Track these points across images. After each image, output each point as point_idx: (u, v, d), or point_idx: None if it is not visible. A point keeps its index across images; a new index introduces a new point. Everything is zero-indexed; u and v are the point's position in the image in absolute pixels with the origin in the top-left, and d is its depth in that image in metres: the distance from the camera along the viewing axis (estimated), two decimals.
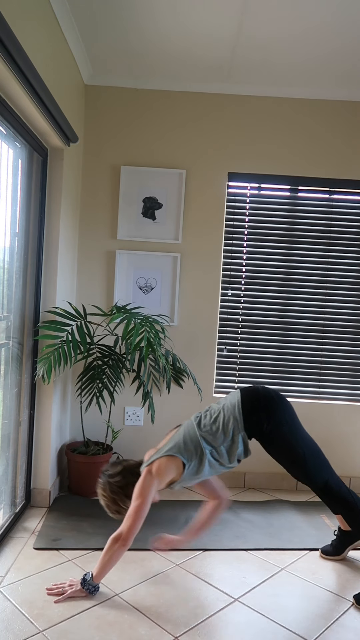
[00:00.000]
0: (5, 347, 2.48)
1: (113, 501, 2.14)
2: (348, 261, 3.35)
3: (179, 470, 2.13)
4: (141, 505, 2.02)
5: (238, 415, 2.17)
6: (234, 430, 2.16)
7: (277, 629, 1.92)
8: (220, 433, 2.16)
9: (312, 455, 2.21)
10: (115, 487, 2.13)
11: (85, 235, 3.29)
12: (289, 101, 3.26)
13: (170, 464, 2.11)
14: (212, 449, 2.16)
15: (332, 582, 2.27)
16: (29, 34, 2.12)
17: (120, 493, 2.13)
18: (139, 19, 2.56)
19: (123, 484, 2.13)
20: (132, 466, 2.20)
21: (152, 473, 2.08)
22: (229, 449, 2.17)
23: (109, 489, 2.14)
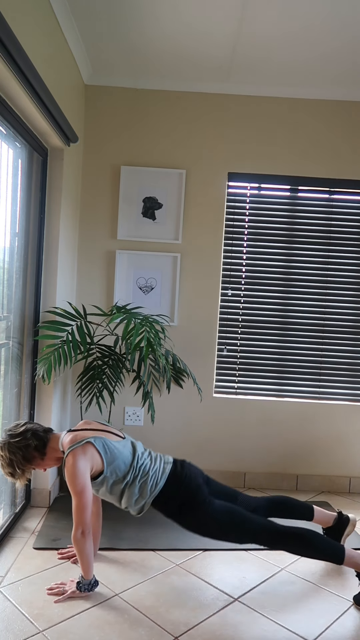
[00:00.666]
0: (5, 347, 2.48)
1: (9, 462, 2.07)
2: (348, 261, 3.35)
3: (100, 466, 2.09)
4: (82, 494, 1.98)
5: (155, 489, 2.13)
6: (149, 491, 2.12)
7: (277, 629, 1.92)
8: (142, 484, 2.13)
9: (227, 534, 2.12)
10: (14, 447, 2.07)
11: (85, 235, 3.29)
12: (289, 101, 3.26)
13: (95, 453, 2.07)
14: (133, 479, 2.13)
15: (331, 581, 2.27)
16: (29, 34, 2.12)
17: (18, 454, 2.07)
18: (139, 19, 2.56)
19: (23, 445, 2.08)
20: (37, 429, 2.14)
21: (75, 452, 2.03)
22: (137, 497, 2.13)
23: (7, 449, 2.07)
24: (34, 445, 2.10)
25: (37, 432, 2.13)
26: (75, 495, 2.00)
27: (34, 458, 2.11)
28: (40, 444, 2.12)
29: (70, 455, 2.04)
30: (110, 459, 2.10)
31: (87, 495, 2.00)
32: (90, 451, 2.07)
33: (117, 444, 2.17)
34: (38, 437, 2.12)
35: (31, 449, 2.09)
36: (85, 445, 2.06)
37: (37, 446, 2.11)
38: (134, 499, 2.13)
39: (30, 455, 2.10)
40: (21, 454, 2.08)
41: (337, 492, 3.33)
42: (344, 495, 3.29)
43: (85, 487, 2.00)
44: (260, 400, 3.34)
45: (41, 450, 2.13)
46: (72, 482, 2.00)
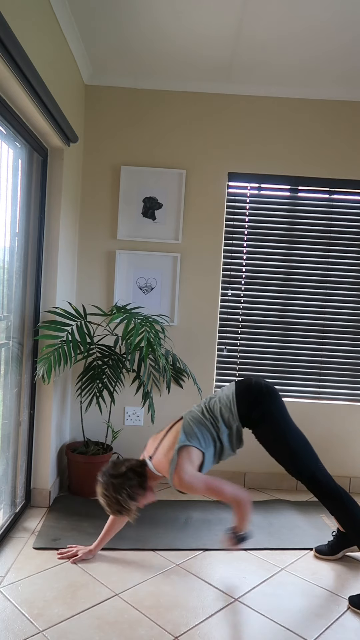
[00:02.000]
0: (5, 347, 2.48)
1: (116, 501, 2.12)
2: (348, 261, 3.35)
3: (200, 458, 2.18)
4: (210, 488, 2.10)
5: (232, 407, 2.24)
6: (230, 421, 2.23)
7: (277, 629, 1.92)
8: (221, 423, 2.23)
9: (299, 446, 2.24)
10: (119, 487, 2.12)
11: (85, 235, 3.29)
12: (289, 101, 3.26)
13: (192, 452, 2.16)
14: (218, 438, 2.23)
15: (332, 582, 2.27)
16: (29, 34, 2.12)
17: (123, 493, 2.11)
18: (139, 19, 2.56)
19: (127, 484, 2.13)
20: (134, 466, 2.19)
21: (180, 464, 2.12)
22: (228, 438, 2.24)
23: (112, 489, 2.12)
24: (137, 483, 2.14)
25: (136, 469, 2.18)
26: (210, 493, 2.10)
27: (137, 495, 2.15)
28: (142, 480, 2.16)
29: (176, 472, 2.11)
30: (198, 442, 2.18)
31: (213, 483, 2.10)
32: (186, 453, 2.14)
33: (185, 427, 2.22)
34: (138, 474, 2.17)
35: (135, 487, 2.14)
36: (181, 453, 2.14)
37: (140, 483, 2.15)
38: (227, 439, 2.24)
39: (134, 494, 2.13)
40: (126, 493, 2.12)
41: None
42: None
43: (207, 482, 2.09)
44: None
45: (143, 486, 2.17)
46: (198, 489, 2.09)
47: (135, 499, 2.13)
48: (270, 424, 2.24)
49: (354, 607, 2.06)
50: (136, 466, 2.19)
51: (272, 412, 2.24)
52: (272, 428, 2.24)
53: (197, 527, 2.69)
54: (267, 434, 2.25)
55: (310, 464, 2.23)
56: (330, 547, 2.47)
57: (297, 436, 2.25)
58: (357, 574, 2.35)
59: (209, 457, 2.22)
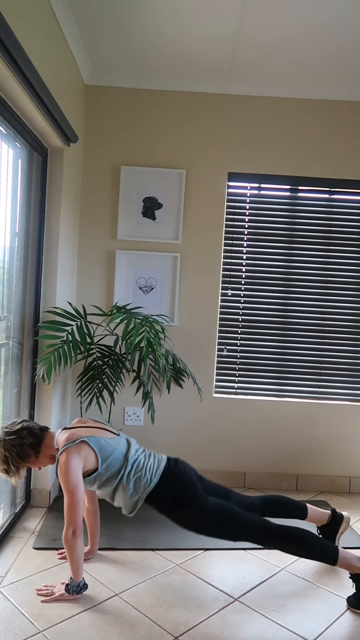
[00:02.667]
0: (5, 347, 2.48)
1: (4, 459, 2.08)
2: (348, 261, 3.35)
3: (94, 464, 2.09)
4: (74, 492, 1.97)
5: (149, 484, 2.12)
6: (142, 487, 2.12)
7: (277, 629, 1.92)
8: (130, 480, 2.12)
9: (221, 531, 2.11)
10: (9, 444, 2.07)
11: (85, 235, 3.29)
12: (289, 101, 3.26)
13: (88, 452, 2.07)
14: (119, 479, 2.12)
15: (331, 581, 2.27)
16: (29, 34, 2.12)
17: (12, 451, 2.07)
18: (139, 19, 2.56)
19: (18, 443, 2.08)
20: (32, 428, 2.14)
21: (70, 449, 2.03)
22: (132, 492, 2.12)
23: (2, 446, 2.08)
24: (29, 442, 2.10)
25: (33, 430, 2.14)
26: (67, 493, 1.99)
27: (28, 456, 2.11)
28: (35, 442, 2.12)
29: (63, 453, 2.04)
30: (104, 455, 2.10)
31: (79, 493, 1.99)
32: (85, 449, 2.07)
33: (112, 441, 2.16)
34: (33, 435, 2.12)
35: (26, 446, 2.09)
36: (80, 444, 2.06)
37: (32, 444, 2.11)
38: (128, 494, 2.12)
39: (24, 453, 2.10)
40: (15, 452, 2.08)
41: (337, 492, 3.33)
42: (344, 495, 3.29)
43: (77, 485, 1.99)
44: (260, 400, 3.34)
45: (36, 448, 2.12)
46: (64, 480, 2.00)
47: (25, 459, 2.09)
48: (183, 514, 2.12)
49: (352, 607, 2.06)
50: (34, 428, 2.14)
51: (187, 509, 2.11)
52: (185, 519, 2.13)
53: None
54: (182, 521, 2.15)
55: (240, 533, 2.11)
56: None
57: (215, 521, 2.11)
58: None
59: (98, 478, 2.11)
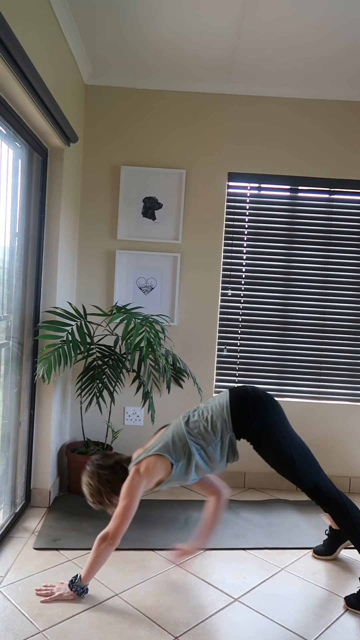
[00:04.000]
0: (5, 347, 2.48)
1: (98, 492, 2.11)
2: (348, 261, 3.35)
3: (167, 470, 2.09)
4: (129, 505, 2.00)
5: (226, 417, 2.13)
6: (222, 431, 2.12)
7: (277, 629, 1.92)
8: (209, 433, 2.12)
9: (300, 457, 2.17)
10: (103, 479, 2.11)
11: (85, 235, 3.29)
12: (289, 101, 3.26)
13: (158, 463, 2.08)
14: (200, 449, 2.11)
15: (331, 581, 2.27)
16: (29, 34, 2.12)
17: (107, 486, 2.10)
18: (139, 19, 2.56)
19: (112, 478, 2.11)
20: (123, 461, 2.18)
21: (140, 472, 2.05)
22: (217, 450, 2.13)
23: (97, 479, 2.11)
24: (122, 477, 2.11)
25: (124, 465, 2.15)
26: (120, 508, 2.00)
27: (120, 490, 2.10)
28: (127, 476, 2.12)
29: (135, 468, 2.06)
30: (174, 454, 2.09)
31: (129, 509, 1.99)
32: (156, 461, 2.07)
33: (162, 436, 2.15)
34: (125, 470, 2.13)
35: (119, 481, 2.10)
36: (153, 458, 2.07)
37: (124, 478, 2.10)
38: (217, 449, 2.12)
39: (118, 488, 2.09)
40: (109, 487, 2.10)
41: None
42: None
43: (130, 501, 1.99)
44: None
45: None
46: (124, 495, 2.02)
47: (117, 493, 2.10)
48: (270, 434, 2.16)
49: (351, 607, 2.06)
50: (124, 461, 2.17)
51: (271, 421, 2.17)
52: (272, 439, 2.16)
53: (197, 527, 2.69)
54: (268, 445, 2.17)
55: (312, 474, 2.18)
56: (326, 547, 2.47)
57: (298, 446, 2.19)
58: (356, 573, 2.35)
59: (180, 470, 2.11)
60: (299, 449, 2.19)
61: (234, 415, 2.14)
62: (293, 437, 2.20)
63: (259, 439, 2.17)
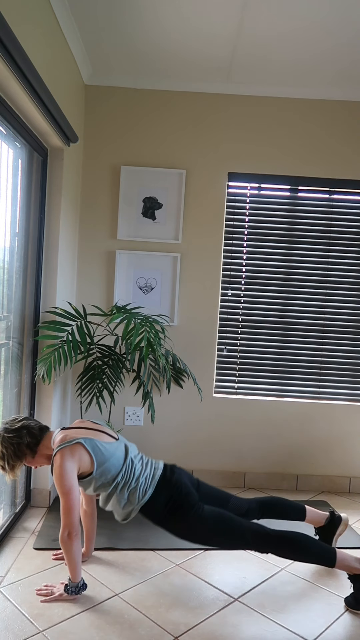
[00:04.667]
0: (5, 347, 2.48)
1: (1, 456, 2.08)
2: (348, 261, 3.35)
3: (89, 467, 2.07)
4: (68, 495, 1.96)
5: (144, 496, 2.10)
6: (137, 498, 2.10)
7: (277, 629, 1.92)
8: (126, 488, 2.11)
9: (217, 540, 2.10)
10: (7, 442, 2.07)
11: (85, 235, 3.29)
12: (289, 101, 3.26)
13: (81, 450, 2.05)
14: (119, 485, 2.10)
15: (331, 581, 2.27)
16: (29, 34, 2.12)
17: (10, 449, 2.07)
18: (139, 19, 2.56)
19: (16, 442, 2.08)
20: (32, 427, 2.13)
21: (63, 452, 2.02)
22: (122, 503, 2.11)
23: (0, 442, 2.08)
24: (27, 442, 2.10)
25: (32, 430, 2.13)
26: (62, 495, 1.98)
27: (24, 455, 2.11)
28: (33, 442, 2.12)
29: (58, 454, 2.03)
30: (100, 460, 2.08)
31: (74, 496, 1.98)
32: (79, 451, 2.05)
33: (109, 446, 2.14)
34: (32, 435, 2.12)
35: (23, 446, 2.09)
36: (75, 446, 2.05)
37: (30, 444, 2.11)
38: (122, 504, 2.11)
39: (21, 452, 2.10)
40: (12, 450, 2.08)
41: (337, 492, 3.33)
42: (343, 495, 3.29)
43: (72, 487, 1.98)
44: (260, 400, 3.34)
45: (33, 449, 2.12)
46: (59, 482, 1.99)
47: (20, 458, 2.09)
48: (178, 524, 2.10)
49: (350, 608, 2.06)
50: (34, 427, 2.14)
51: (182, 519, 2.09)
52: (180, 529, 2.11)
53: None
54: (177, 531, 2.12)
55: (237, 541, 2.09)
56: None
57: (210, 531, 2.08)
58: None
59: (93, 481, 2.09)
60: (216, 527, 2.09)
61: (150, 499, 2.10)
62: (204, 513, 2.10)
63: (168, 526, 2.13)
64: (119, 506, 2.12)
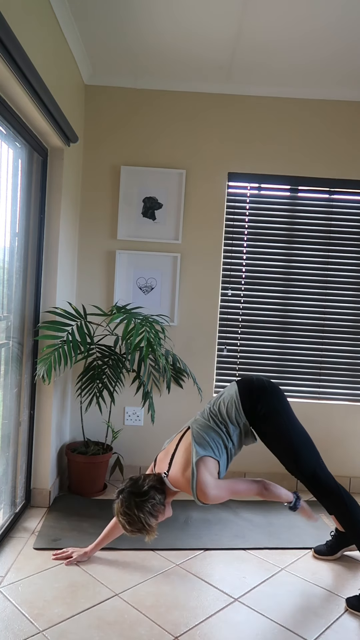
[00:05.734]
0: (5, 347, 2.48)
1: (138, 519, 2.03)
2: (348, 261, 3.35)
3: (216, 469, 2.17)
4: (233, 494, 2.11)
5: (238, 404, 2.24)
6: (237, 420, 2.23)
7: (277, 629, 1.92)
8: (229, 425, 2.23)
9: (301, 444, 2.23)
10: (141, 505, 2.03)
11: (85, 235, 3.29)
12: (289, 101, 3.26)
13: (209, 466, 2.13)
14: (227, 438, 2.23)
15: (332, 582, 2.27)
16: (29, 34, 2.12)
17: (146, 511, 2.03)
18: (139, 19, 2.56)
19: (150, 503, 2.05)
20: (155, 483, 2.12)
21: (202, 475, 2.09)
22: (236, 436, 2.25)
23: (135, 508, 2.03)
24: (159, 500, 2.09)
25: (157, 486, 2.12)
26: (234, 497, 2.12)
27: (159, 513, 2.08)
28: (163, 498, 2.11)
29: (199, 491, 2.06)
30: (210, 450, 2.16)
31: (235, 487, 2.12)
32: (203, 466, 2.11)
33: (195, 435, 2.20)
34: (160, 491, 2.11)
35: (157, 505, 2.07)
36: (199, 469, 2.09)
37: (161, 500, 2.10)
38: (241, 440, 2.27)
39: (157, 512, 2.07)
40: (149, 511, 2.04)
41: None
42: None
43: (230, 489, 2.11)
44: None
45: (163, 503, 2.12)
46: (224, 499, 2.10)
47: (156, 517, 2.06)
48: (274, 420, 2.23)
49: (352, 609, 2.06)
50: (157, 483, 2.13)
51: (276, 408, 2.24)
52: (276, 425, 2.23)
53: (197, 527, 2.69)
54: (271, 431, 2.24)
55: (312, 462, 2.22)
56: (329, 547, 2.47)
57: (300, 434, 2.25)
58: (356, 574, 2.35)
59: (223, 464, 2.20)
60: (302, 437, 2.24)
61: (243, 402, 2.24)
62: (295, 425, 2.26)
63: (263, 423, 2.24)
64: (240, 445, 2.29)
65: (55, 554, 2.34)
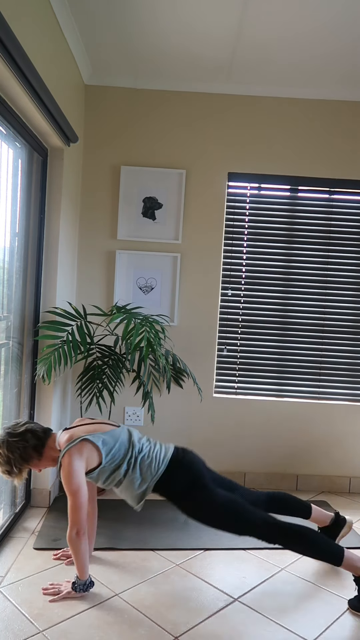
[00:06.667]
0: (5, 347, 2.48)
1: (7, 460, 2.07)
2: (348, 261, 3.35)
3: (97, 459, 2.10)
4: (77, 494, 1.99)
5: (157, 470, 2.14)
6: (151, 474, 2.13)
7: (277, 629, 1.92)
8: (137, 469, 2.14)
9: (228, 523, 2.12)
10: (13, 446, 2.07)
11: (85, 235, 3.29)
12: (289, 101, 3.26)
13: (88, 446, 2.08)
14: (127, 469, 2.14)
15: (331, 582, 2.27)
16: (29, 34, 2.12)
17: (16, 453, 2.07)
18: (139, 19, 2.56)
19: (22, 446, 2.08)
20: (36, 430, 2.14)
21: (71, 452, 2.04)
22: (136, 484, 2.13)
23: (6, 447, 2.07)
24: (33, 445, 2.11)
25: (37, 433, 2.14)
26: (70, 495, 2.00)
27: (31, 458, 2.12)
28: (39, 444, 2.13)
29: (66, 455, 2.05)
30: (107, 449, 2.11)
31: (83, 495, 2.01)
32: (86, 448, 2.08)
33: (112, 432, 2.18)
34: (37, 437, 2.13)
35: (29, 449, 2.10)
36: (81, 443, 2.07)
37: (36, 446, 2.11)
38: (136, 483, 2.12)
39: (27, 455, 2.10)
40: (19, 453, 2.08)
41: (337, 492, 3.33)
42: (343, 495, 3.29)
43: (80, 487, 2.01)
44: (260, 400, 3.34)
45: (39, 451, 2.13)
46: (67, 481, 2.01)
47: (27, 462, 2.10)
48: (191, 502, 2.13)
49: (354, 611, 2.05)
50: (38, 430, 2.15)
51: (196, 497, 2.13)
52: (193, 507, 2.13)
53: (197, 527, 2.69)
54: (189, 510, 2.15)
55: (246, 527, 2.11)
56: None
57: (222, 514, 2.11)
58: None
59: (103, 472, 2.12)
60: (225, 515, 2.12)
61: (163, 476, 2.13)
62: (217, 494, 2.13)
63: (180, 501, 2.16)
64: (133, 487, 2.13)
65: (56, 554, 2.35)
